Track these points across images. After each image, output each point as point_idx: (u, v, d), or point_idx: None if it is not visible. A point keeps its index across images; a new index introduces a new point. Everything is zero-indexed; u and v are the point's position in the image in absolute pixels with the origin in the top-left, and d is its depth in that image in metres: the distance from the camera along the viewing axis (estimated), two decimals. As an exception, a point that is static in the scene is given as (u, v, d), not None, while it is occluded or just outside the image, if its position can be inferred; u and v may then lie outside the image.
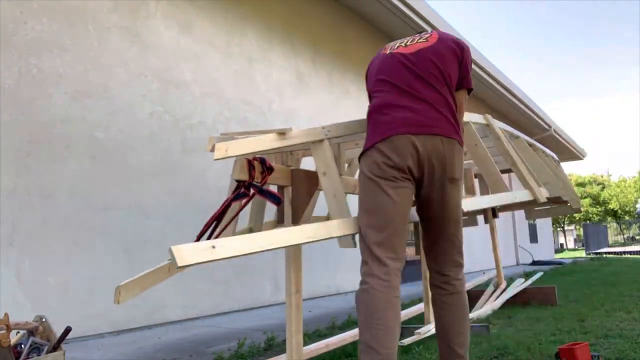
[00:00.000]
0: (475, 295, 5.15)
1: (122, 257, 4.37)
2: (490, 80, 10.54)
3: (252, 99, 5.99)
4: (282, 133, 2.19)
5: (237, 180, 2.26)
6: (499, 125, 3.82)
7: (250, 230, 3.10)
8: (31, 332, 2.49)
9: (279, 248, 1.86)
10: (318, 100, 7.12)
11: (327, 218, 4.17)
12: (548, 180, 4.17)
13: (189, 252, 1.58)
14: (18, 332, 2.47)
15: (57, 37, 4.21)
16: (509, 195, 3.29)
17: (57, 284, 3.94)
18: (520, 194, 3.54)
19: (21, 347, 2.39)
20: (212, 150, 1.95)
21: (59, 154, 4.09)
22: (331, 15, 7.52)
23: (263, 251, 1.78)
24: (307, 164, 2.95)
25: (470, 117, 3.42)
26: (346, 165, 4.16)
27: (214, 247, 1.64)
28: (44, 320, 2.49)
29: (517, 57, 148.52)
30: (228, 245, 1.68)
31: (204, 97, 5.40)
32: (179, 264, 1.54)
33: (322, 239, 1.99)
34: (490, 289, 5.21)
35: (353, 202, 2.11)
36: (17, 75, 3.93)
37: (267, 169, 2.29)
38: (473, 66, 9.65)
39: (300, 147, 2.50)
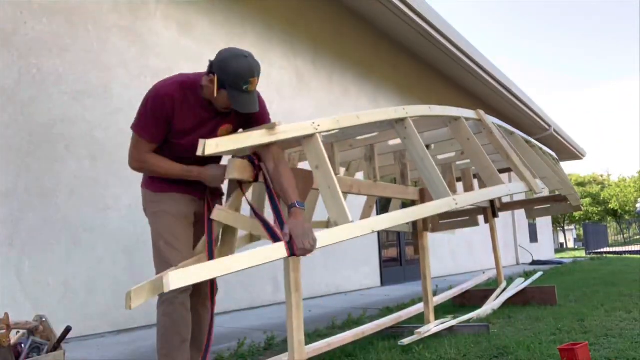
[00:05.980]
0: (475, 295, 5.16)
1: (122, 257, 4.38)
2: (488, 79, 10.48)
3: (252, 99, 5.98)
4: (271, 128, 2.23)
5: (237, 181, 2.30)
6: (491, 120, 3.80)
7: (250, 236, 3.11)
8: (31, 332, 2.48)
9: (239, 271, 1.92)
10: (318, 100, 7.11)
11: (327, 222, 4.20)
12: (545, 174, 4.14)
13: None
14: (18, 332, 2.47)
15: (57, 37, 4.20)
16: (503, 187, 3.27)
17: (57, 284, 3.94)
18: (515, 186, 3.51)
19: (21, 346, 2.39)
20: (203, 153, 1.99)
21: (58, 154, 4.09)
22: (331, 15, 7.52)
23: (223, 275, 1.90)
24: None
25: (462, 113, 3.42)
26: (344, 169, 4.18)
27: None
28: (44, 320, 2.49)
29: (515, 55, 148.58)
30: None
31: (204, 97, 5.39)
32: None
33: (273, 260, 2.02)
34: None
35: (350, 200, 2.10)
36: (17, 75, 3.93)
37: (256, 167, 2.33)
38: (471, 64, 9.61)
39: (292, 141, 2.53)
